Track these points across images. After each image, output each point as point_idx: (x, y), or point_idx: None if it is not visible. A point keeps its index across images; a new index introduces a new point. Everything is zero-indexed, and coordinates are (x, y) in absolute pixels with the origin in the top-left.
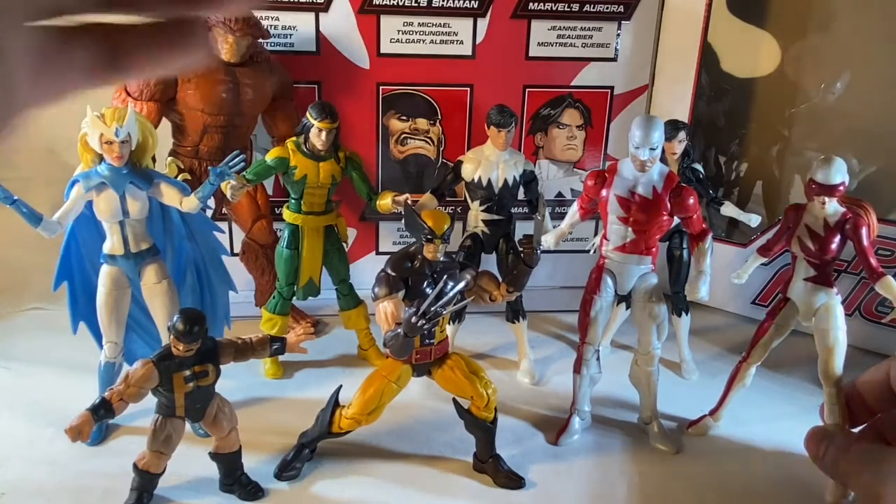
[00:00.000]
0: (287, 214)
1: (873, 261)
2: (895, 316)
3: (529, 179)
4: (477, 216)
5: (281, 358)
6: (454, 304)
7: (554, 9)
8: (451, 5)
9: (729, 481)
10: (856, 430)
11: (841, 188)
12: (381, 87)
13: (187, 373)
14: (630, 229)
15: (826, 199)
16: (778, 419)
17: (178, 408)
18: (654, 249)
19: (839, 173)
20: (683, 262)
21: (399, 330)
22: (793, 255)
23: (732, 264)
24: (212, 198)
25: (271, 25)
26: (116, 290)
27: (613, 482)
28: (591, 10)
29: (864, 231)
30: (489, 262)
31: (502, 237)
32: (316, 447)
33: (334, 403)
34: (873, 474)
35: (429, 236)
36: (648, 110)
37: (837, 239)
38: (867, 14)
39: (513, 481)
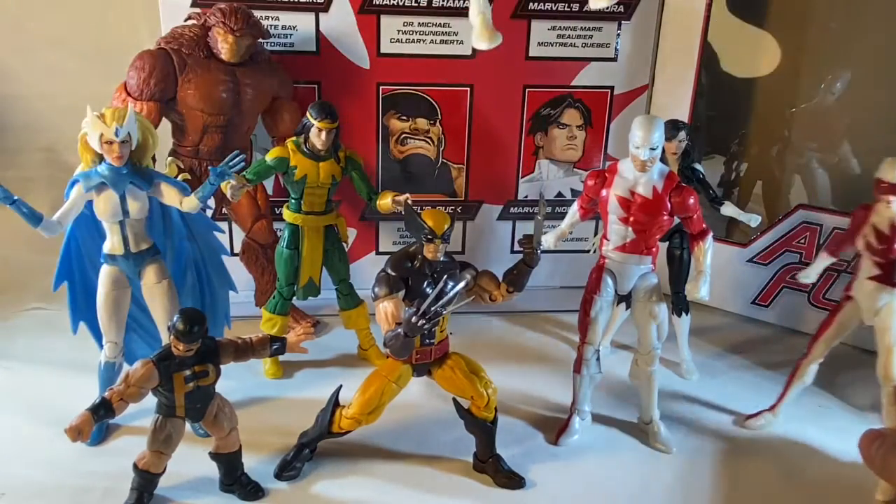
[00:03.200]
0: (287, 214)
1: None
2: None
3: None
4: None
5: (281, 358)
6: (454, 304)
7: (554, 9)
8: (451, 5)
9: (729, 480)
10: None
11: None
12: (381, 87)
13: (187, 373)
14: (630, 229)
15: (892, 198)
16: (787, 421)
17: (179, 408)
18: (654, 249)
19: None
20: (683, 262)
21: (399, 330)
22: (858, 253)
23: (732, 264)
24: (212, 198)
25: (271, 25)
26: (116, 290)
27: (613, 482)
28: (592, 10)
29: None
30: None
31: None
32: (316, 447)
33: (334, 403)
34: None
35: (429, 236)
36: (648, 110)
37: None
38: (867, 14)
39: (513, 481)
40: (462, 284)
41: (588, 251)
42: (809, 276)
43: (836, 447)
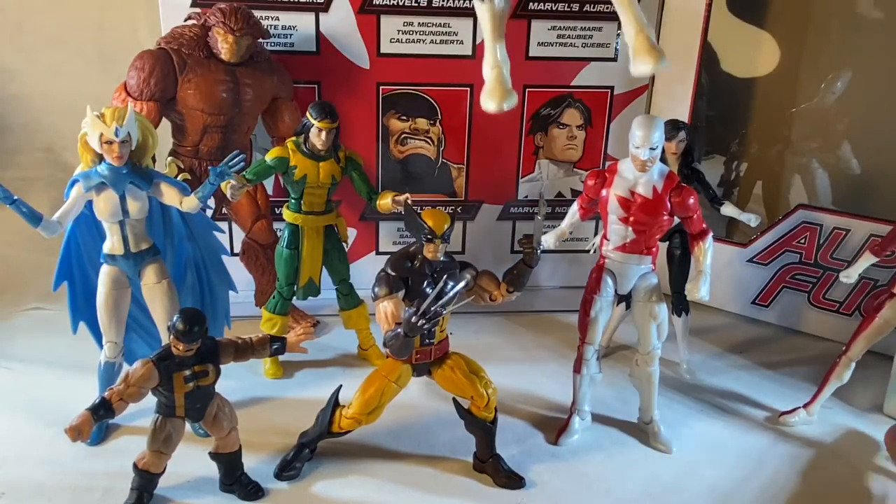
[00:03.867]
0: (287, 214)
1: None
2: None
3: None
4: None
5: (281, 358)
6: (454, 304)
7: (554, 9)
8: (451, 5)
9: (729, 479)
10: None
11: None
12: (381, 87)
13: (187, 372)
14: (630, 229)
15: None
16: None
17: (178, 407)
18: (654, 249)
19: None
20: (683, 262)
21: (399, 330)
22: None
23: (732, 264)
24: (212, 198)
25: (271, 25)
26: (116, 290)
27: (613, 482)
28: (591, 10)
29: None
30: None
31: None
32: (316, 447)
33: (334, 403)
34: None
35: (429, 236)
36: (648, 110)
37: None
38: (866, 14)
39: (513, 481)
40: (462, 284)
41: (588, 251)
42: (851, 275)
43: (838, 447)
